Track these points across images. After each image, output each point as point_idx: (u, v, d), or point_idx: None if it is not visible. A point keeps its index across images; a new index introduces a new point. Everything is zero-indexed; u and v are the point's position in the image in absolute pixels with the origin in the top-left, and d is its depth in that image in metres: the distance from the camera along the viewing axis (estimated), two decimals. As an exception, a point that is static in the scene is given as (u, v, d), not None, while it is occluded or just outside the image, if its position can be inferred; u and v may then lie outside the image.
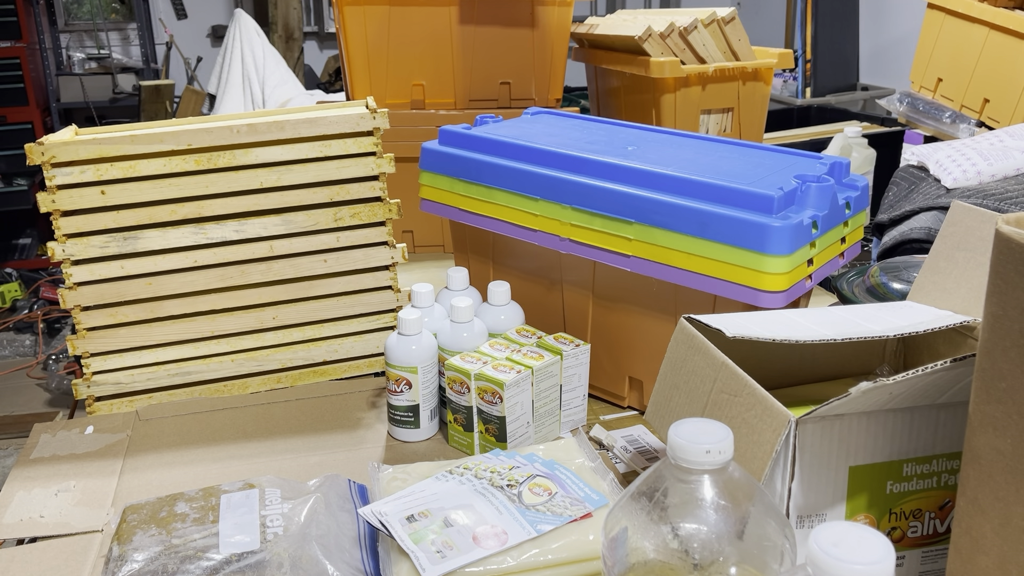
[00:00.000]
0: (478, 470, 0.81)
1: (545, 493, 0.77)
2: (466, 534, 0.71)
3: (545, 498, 0.76)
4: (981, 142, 1.45)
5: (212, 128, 1.05)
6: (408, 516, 0.73)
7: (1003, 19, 1.69)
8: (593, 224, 0.99)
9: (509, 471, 0.80)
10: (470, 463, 0.82)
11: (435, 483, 0.79)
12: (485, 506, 0.75)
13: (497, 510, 0.74)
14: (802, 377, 0.83)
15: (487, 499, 0.76)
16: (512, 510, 0.74)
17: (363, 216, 1.13)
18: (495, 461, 0.83)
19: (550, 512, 0.74)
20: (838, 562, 0.44)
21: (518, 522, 0.73)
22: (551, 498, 0.76)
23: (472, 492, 0.77)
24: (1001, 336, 0.49)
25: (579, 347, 0.99)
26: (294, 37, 4.37)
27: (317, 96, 3.54)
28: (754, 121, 1.61)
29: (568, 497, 0.77)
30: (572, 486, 0.79)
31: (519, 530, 0.72)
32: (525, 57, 1.59)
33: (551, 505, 0.75)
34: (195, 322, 1.10)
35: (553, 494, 0.77)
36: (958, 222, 0.79)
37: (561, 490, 0.78)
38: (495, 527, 0.72)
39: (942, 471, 0.68)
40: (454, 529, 0.72)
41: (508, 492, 0.77)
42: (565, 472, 0.81)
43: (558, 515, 0.74)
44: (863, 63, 3.55)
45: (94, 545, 0.82)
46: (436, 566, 0.68)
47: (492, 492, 0.77)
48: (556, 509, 0.75)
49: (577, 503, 0.76)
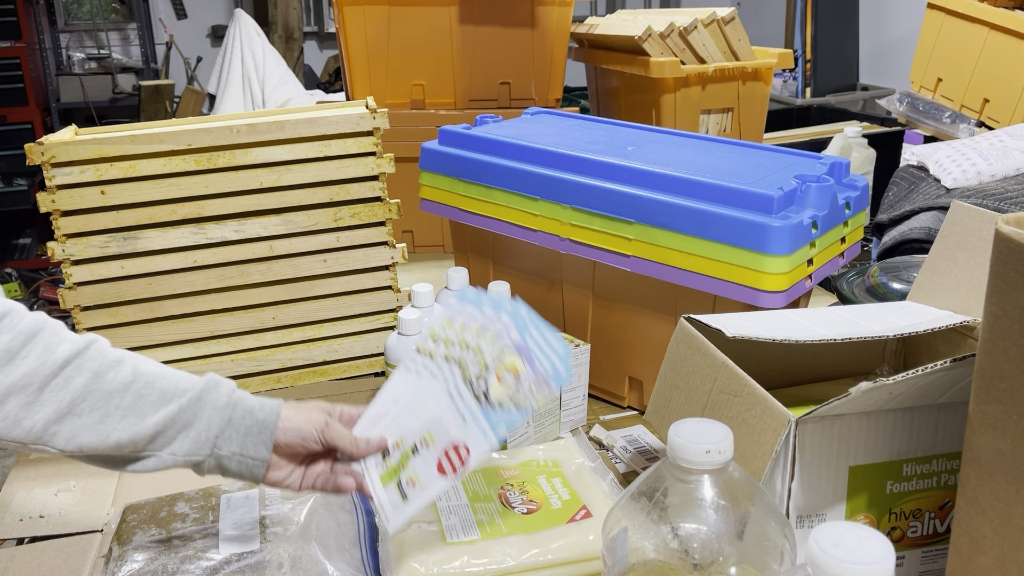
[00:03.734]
0: (447, 340, 0.80)
1: (511, 377, 0.76)
2: (431, 462, 0.72)
3: (511, 384, 0.75)
4: (981, 142, 1.45)
5: (212, 128, 1.05)
6: (384, 453, 0.75)
7: (1003, 19, 1.69)
8: (593, 224, 0.99)
9: (479, 347, 0.79)
10: (439, 330, 0.81)
11: (406, 379, 0.79)
12: (452, 418, 0.75)
13: (463, 418, 0.74)
14: (802, 377, 0.83)
15: (454, 405, 0.76)
16: (477, 413, 0.74)
17: (363, 216, 1.13)
18: (463, 319, 0.81)
19: (514, 406, 0.74)
20: (838, 562, 0.44)
21: (480, 430, 0.73)
22: (517, 384, 0.75)
23: (443, 396, 0.77)
24: (1001, 336, 0.49)
25: (579, 347, 0.99)
26: (294, 37, 4.37)
27: (317, 96, 3.54)
28: (754, 121, 1.61)
29: (534, 375, 0.75)
30: (541, 355, 0.77)
31: (481, 441, 0.72)
32: (525, 57, 1.59)
33: (517, 396, 0.75)
34: (195, 322, 1.10)
35: (519, 377, 0.76)
36: (958, 222, 0.79)
37: (528, 366, 0.76)
38: (458, 448, 0.72)
39: (942, 471, 0.68)
40: (420, 458, 0.73)
41: (476, 386, 0.76)
42: (537, 333, 0.78)
43: (521, 408, 0.74)
44: (863, 63, 3.55)
45: (94, 545, 0.82)
46: (398, 513, 0.71)
47: (461, 391, 0.77)
48: (520, 400, 0.74)
49: (543, 382, 0.75)
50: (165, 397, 0.68)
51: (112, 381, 0.66)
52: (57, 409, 0.64)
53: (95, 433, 0.65)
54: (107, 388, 0.66)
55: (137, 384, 0.67)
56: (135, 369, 0.68)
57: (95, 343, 0.67)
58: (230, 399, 0.71)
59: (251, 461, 0.71)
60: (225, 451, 0.70)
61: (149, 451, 0.68)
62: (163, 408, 0.68)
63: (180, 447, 0.69)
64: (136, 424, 0.66)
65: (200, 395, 0.70)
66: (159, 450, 0.68)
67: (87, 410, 0.65)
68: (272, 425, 0.71)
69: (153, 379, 0.68)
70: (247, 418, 0.71)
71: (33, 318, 0.65)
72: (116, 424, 0.66)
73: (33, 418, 0.63)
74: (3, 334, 0.63)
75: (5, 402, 0.62)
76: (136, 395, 0.67)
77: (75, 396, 0.64)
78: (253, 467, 0.71)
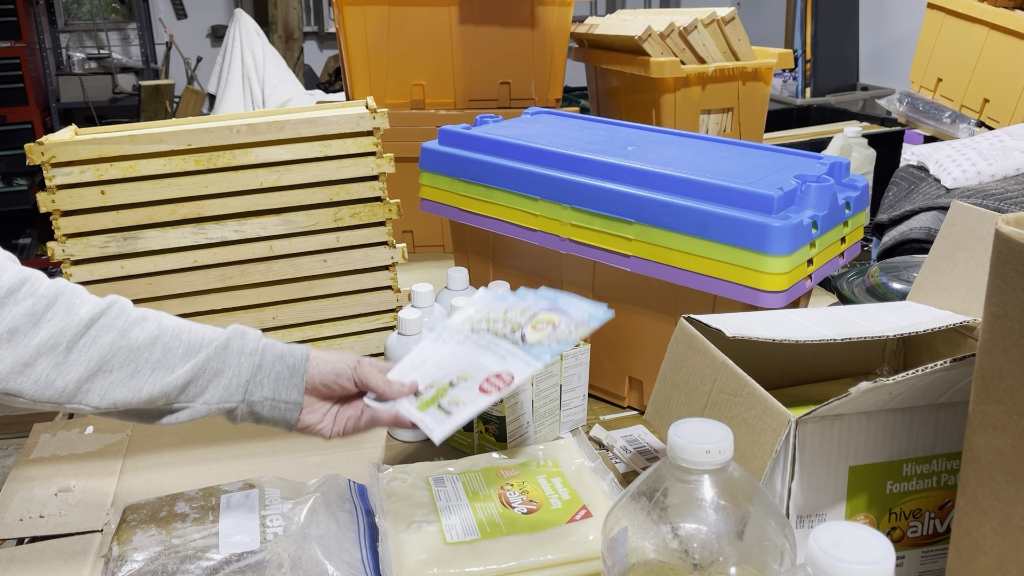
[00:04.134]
0: (474, 323, 0.80)
1: (548, 326, 0.76)
2: (472, 387, 0.72)
3: (548, 331, 0.75)
4: (981, 142, 1.45)
5: (212, 128, 1.05)
6: (415, 392, 0.75)
7: (1003, 19, 1.69)
8: (593, 224, 0.99)
9: (507, 315, 0.79)
10: (465, 318, 0.82)
11: (433, 346, 0.79)
12: (489, 358, 0.74)
13: (501, 357, 0.74)
14: (802, 377, 0.83)
15: (490, 351, 0.75)
16: (515, 351, 0.74)
17: (363, 216, 1.13)
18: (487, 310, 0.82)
19: (555, 342, 0.74)
20: (838, 562, 0.44)
21: (522, 360, 0.72)
22: (555, 329, 0.75)
23: (475, 348, 0.76)
24: (1001, 336, 0.50)
25: (579, 347, 0.99)
26: (294, 37, 4.37)
27: (317, 96, 3.54)
28: (754, 121, 1.61)
29: (572, 321, 0.75)
30: (575, 309, 0.77)
31: (523, 367, 0.71)
32: (525, 57, 1.59)
33: (556, 335, 0.75)
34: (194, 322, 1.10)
35: (557, 325, 0.76)
36: (958, 222, 0.79)
37: (564, 317, 0.76)
38: (500, 375, 0.72)
39: (942, 471, 0.68)
40: (458, 388, 0.73)
41: (512, 337, 0.76)
42: (567, 299, 0.79)
43: (562, 341, 0.73)
44: (863, 63, 3.55)
45: (94, 545, 0.82)
46: (442, 425, 0.69)
47: (496, 342, 0.76)
48: (560, 336, 0.74)
49: (582, 324, 0.75)
50: (192, 348, 0.70)
51: (138, 337, 0.68)
52: (87, 367, 0.66)
53: (127, 388, 0.67)
54: (134, 344, 0.68)
55: (164, 338, 0.69)
56: (160, 324, 0.70)
57: (116, 303, 0.69)
58: (257, 346, 0.73)
59: (284, 405, 0.73)
60: (257, 396, 0.72)
61: (182, 402, 0.70)
62: (192, 359, 0.70)
63: (212, 395, 0.71)
64: (166, 376, 0.68)
65: (227, 343, 0.72)
66: (192, 401, 0.71)
67: (117, 366, 0.67)
68: (302, 369, 0.73)
69: (179, 332, 0.70)
70: (277, 363, 0.73)
71: (53, 283, 0.67)
72: (147, 378, 0.68)
73: (65, 378, 0.65)
74: (26, 299, 0.65)
75: (35, 364, 0.64)
76: (164, 348, 0.69)
77: (104, 353, 0.66)
78: (287, 411, 0.73)
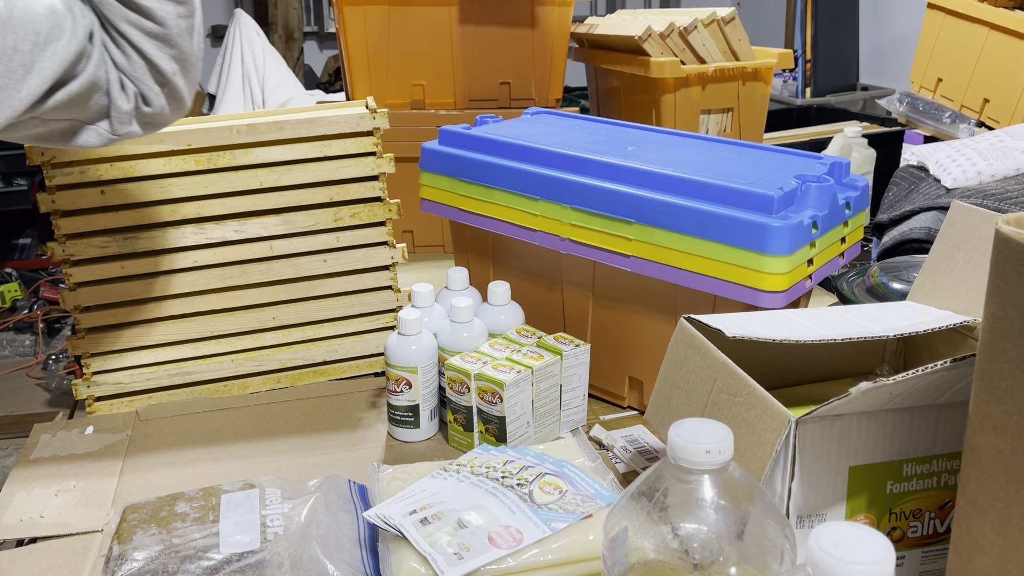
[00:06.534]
0: (473, 466, 0.81)
1: (556, 491, 0.77)
2: (481, 535, 0.71)
3: (556, 496, 0.76)
4: (981, 142, 1.45)
5: (212, 128, 1.05)
6: (422, 520, 0.73)
7: (1003, 19, 1.68)
8: (593, 224, 0.99)
9: (519, 471, 0.80)
10: (463, 460, 0.82)
11: (433, 481, 0.79)
12: (497, 506, 0.74)
13: (510, 510, 0.74)
14: (802, 377, 0.83)
15: (498, 499, 0.75)
16: (525, 510, 0.74)
17: (363, 216, 1.13)
18: (488, 457, 0.82)
19: (562, 510, 0.74)
20: (838, 562, 0.44)
21: (532, 521, 0.72)
22: (562, 496, 0.76)
23: (482, 493, 0.77)
24: (1001, 336, 0.49)
25: (579, 347, 0.99)
26: (294, 37, 4.37)
27: (317, 96, 3.53)
28: (754, 121, 1.61)
29: (579, 495, 0.76)
30: (582, 483, 0.79)
31: (533, 529, 0.72)
32: (525, 57, 1.59)
33: (563, 503, 0.75)
34: (195, 322, 1.10)
35: (564, 492, 0.77)
36: (958, 222, 0.79)
37: (571, 488, 0.78)
38: (509, 527, 0.72)
39: (942, 471, 0.68)
40: (469, 531, 0.72)
41: (519, 491, 0.76)
42: (574, 470, 0.81)
43: (571, 512, 0.74)
44: (863, 63, 3.55)
45: (94, 545, 0.82)
46: (455, 568, 0.68)
47: (503, 492, 0.77)
48: (568, 507, 0.75)
49: (588, 500, 0.76)
50: None
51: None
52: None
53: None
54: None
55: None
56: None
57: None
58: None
59: None
60: None
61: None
62: None
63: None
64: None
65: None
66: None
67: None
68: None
69: None
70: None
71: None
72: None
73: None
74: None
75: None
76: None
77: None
78: None
